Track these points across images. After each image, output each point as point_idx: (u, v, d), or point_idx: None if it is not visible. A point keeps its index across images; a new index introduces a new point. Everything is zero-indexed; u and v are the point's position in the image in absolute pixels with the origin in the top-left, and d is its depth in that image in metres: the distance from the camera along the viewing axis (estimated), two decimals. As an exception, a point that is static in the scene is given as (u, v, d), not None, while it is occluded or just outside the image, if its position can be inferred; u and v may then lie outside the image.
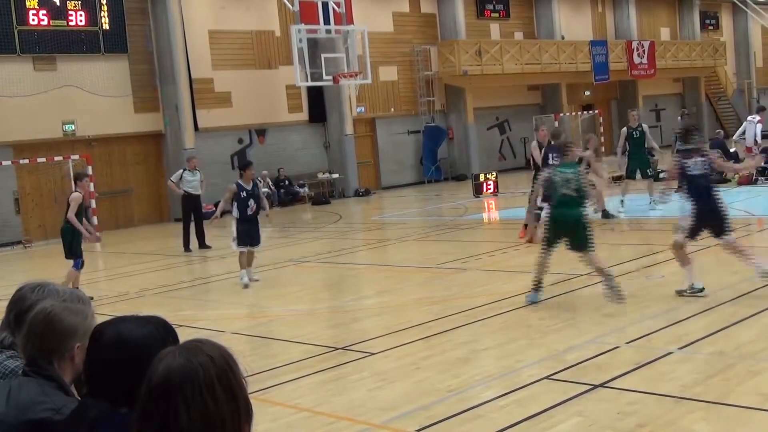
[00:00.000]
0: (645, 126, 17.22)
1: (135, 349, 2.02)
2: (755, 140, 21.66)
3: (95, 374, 2.20)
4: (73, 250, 12.26)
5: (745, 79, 46.40)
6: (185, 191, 17.51)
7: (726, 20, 46.87)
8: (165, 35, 24.34)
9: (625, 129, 17.33)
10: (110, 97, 23.39)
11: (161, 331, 2.22)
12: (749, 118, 22.64)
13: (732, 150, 22.60)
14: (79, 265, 12.25)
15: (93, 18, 23.19)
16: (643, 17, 41.10)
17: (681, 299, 9.07)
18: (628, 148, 17.08)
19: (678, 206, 9.89)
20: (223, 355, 1.91)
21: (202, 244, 17.49)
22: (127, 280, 14.36)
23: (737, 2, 42.78)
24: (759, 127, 22.08)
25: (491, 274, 12.16)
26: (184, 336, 2.08)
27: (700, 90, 43.20)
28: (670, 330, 7.88)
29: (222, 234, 20.06)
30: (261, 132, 26.90)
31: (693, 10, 43.73)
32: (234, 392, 1.87)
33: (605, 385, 6.39)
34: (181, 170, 17.91)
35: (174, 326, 2.27)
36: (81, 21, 22.99)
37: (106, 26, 23.44)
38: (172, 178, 18.09)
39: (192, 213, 17.64)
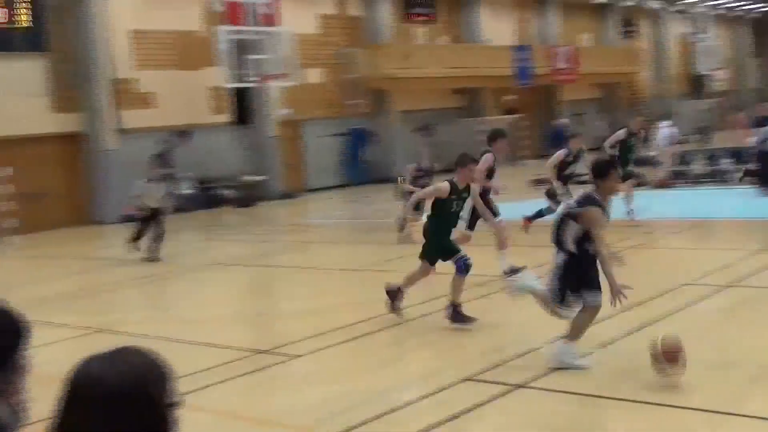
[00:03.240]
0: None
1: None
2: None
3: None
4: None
5: (662, 85, 47.71)
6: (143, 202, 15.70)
7: (645, 29, 48.10)
8: (85, 34, 23.84)
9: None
10: (28, 97, 22.83)
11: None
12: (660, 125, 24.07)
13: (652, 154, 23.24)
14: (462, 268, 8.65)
15: (12, 16, 22.58)
16: (566, 23, 41.91)
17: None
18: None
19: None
20: (150, 362, 1.87)
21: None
22: (45, 284, 14.03)
23: (654, 11, 43.95)
24: (667, 131, 23.37)
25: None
26: (106, 341, 2.06)
27: (619, 96, 44.32)
28: (590, 330, 8.04)
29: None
30: (185, 133, 26.54)
31: (613, 18, 44.79)
32: (160, 400, 1.83)
33: (526, 385, 6.50)
34: (144, 180, 16.18)
35: (95, 331, 2.25)
36: (0, 18, 22.38)
37: (25, 24, 22.84)
38: (136, 190, 16.16)
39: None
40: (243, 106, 28.07)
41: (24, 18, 22.82)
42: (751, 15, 56.03)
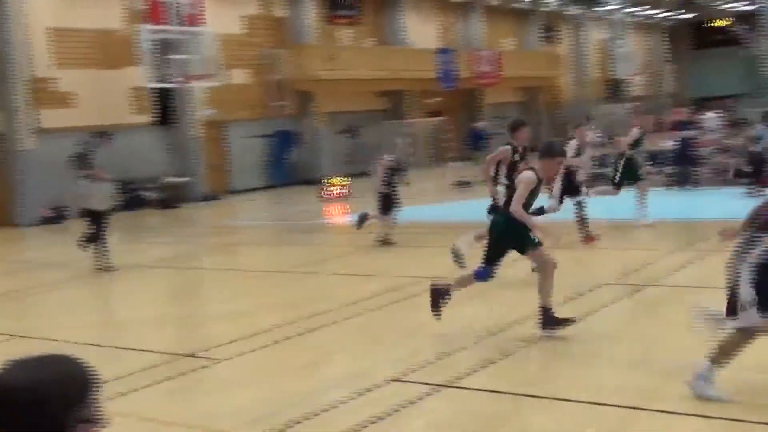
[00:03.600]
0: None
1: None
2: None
3: None
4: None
5: (582, 89, 48.76)
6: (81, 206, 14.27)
7: (565, 34, 49.10)
8: (2, 32, 23.20)
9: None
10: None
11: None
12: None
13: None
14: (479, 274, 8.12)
15: None
16: (489, 28, 42.48)
17: (524, 298, 9.44)
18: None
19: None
20: (73, 371, 1.84)
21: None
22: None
23: (574, 17, 44.92)
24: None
25: (343, 278, 12.28)
26: (29, 347, 2.05)
27: (541, 99, 45.17)
28: (514, 330, 8.20)
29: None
30: (106, 134, 25.99)
31: (535, 23, 45.60)
32: (77, 410, 1.81)
33: (451, 385, 6.59)
34: (87, 180, 14.18)
35: (19, 337, 2.22)
36: None
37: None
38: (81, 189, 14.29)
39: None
40: (165, 107, 27.70)
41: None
42: (667, 23, 57.69)
